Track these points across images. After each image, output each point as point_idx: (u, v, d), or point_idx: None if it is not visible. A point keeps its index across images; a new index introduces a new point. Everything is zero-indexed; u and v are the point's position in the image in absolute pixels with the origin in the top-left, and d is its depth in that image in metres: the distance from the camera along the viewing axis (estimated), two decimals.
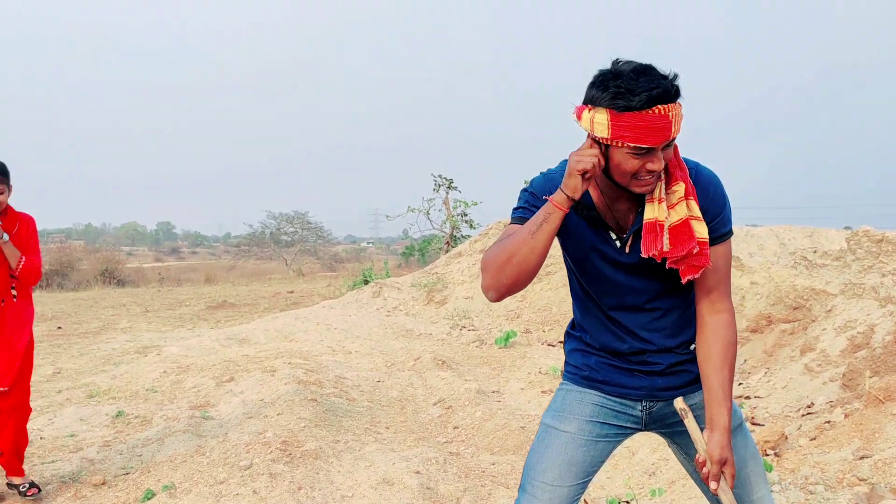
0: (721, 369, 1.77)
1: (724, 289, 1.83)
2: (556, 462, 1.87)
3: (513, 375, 7.00)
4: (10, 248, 3.52)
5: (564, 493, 1.86)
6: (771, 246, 11.81)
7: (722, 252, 1.81)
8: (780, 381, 5.99)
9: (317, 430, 4.34)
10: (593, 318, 1.91)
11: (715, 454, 1.73)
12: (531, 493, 1.87)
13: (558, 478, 1.86)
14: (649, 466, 4.38)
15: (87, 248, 30.62)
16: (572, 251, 1.85)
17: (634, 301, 1.86)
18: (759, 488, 1.92)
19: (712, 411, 1.77)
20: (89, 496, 3.48)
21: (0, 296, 3.52)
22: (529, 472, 1.90)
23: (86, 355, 8.41)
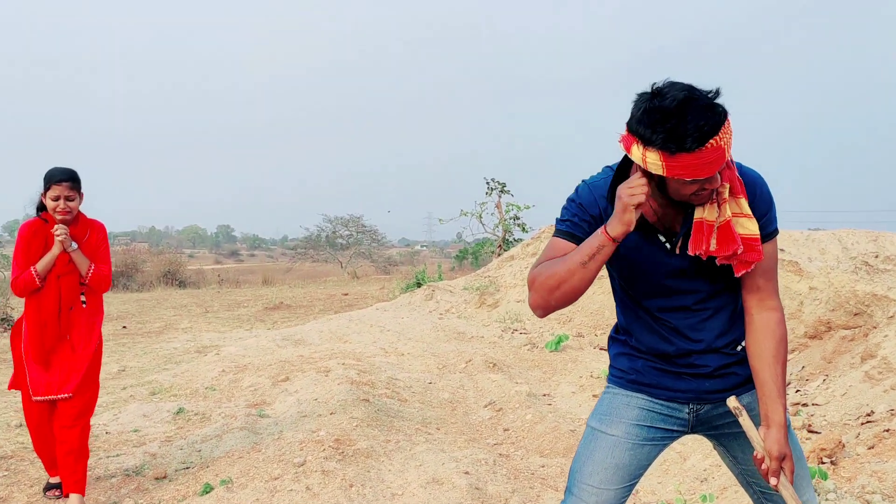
0: (773, 365, 1.79)
1: (772, 287, 1.85)
2: (603, 465, 1.89)
3: (564, 379, 6.99)
4: (79, 257, 3.51)
5: (610, 496, 1.89)
6: (833, 250, 11.48)
7: (770, 251, 1.83)
8: (839, 388, 5.84)
9: (368, 430, 4.42)
10: (639, 322, 1.93)
11: (774, 450, 1.75)
12: (577, 495, 1.90)
13: (604, 481, 1.88)
14: (701, 472, 4.34)
15: (151, 251, 31.53)
16: (620, 257, 1.87)
17: (683, 302, 1.87)
18: (804, 491, 1.92)
19: (767, 407, 1.79)
20: (151, 489, 3.63)
21: (69, 303, 3.50)
22: (575, 475, 1.93)
23: (149, 354, 8.69)
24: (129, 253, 26.35)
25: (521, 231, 16.31)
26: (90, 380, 3.59)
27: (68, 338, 3.48)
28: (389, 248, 45.67)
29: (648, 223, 1.83)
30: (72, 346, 3.49)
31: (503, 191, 16.54)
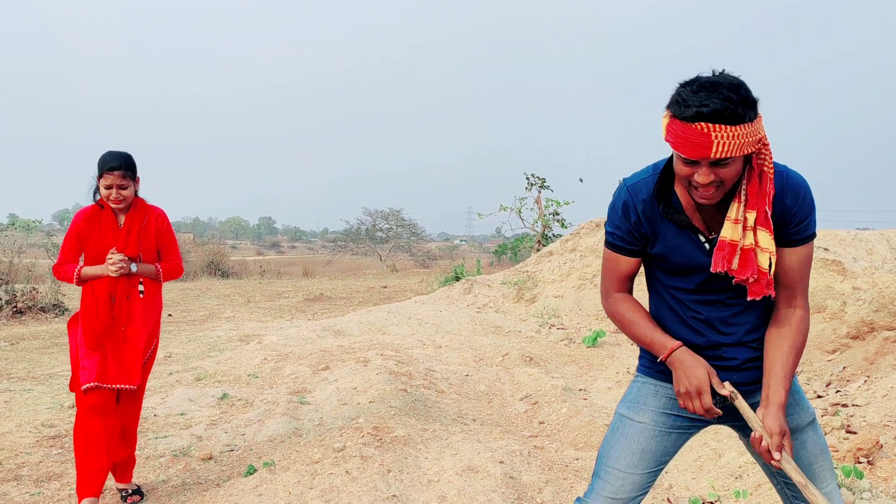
0: (787, 355, 1.84)
1: (801, 287, 1.90)
2: (629, 450, 1.96)
3: (600, 374, 7.02)
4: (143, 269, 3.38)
5: (636, 480, 1.95)
6: (880, 251, 11.28)
7: (806, 253, 1.88)
8: (880, 389, 5.78)
9: (406, 419, 4.52)
10: (671, 312, 1.98)
11: (774, 426, 1.79)
12: (604, 478, 1.97)
13: (630, 465, 1.95)
14: (736, 469, 4.35)
15: (196, 241, 32.10)
16: (659, 250, 1.94)
17: (717, 296, 1.93)
18: (827, 483, 1.96)
19: (769, 389, 1.83)
20: (198, 469, 3.77)
21: (125, 291, 3.34)
22: (603, 459, 2.00)
23: (193, 341, 8.93)
24: None
25: (560, 227, 16.30)
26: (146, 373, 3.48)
27: (123, 328, 3.33)
28: (428, 242, 45.87)
29: (690, 222, 1.88)
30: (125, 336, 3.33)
31: (543, 186, 16.54)
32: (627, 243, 1.96)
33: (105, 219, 3.37)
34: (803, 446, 1.94)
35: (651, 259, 1.98)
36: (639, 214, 1.91)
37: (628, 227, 1.94)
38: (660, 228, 1.91)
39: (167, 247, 3.52)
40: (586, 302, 10.34)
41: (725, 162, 1.70)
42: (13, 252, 14.13)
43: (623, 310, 2.00)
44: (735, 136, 1.66)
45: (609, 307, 2.04)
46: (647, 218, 1.90)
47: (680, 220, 1.88)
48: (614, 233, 1.98)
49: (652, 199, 1.89)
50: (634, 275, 2.05)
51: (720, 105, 1.65)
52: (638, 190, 1.92)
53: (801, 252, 1.87)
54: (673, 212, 1.88)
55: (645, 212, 1.90)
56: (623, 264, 1.99)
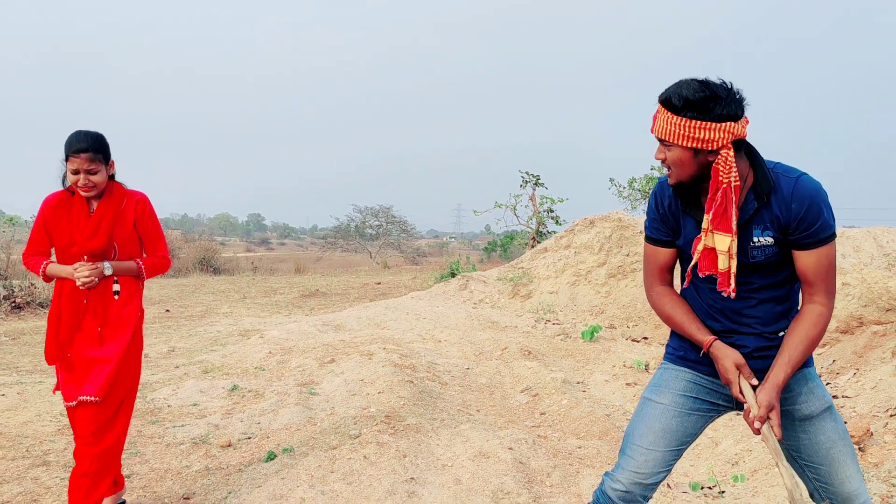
0: (797, 344, 1.99)
1: (823, 286, 2.02)
2: (652, 429, 2.12)
3: (597, 368, 7.18)
4: (119, 268, 3.02)
5: (658, 457, 2.11)
6: (868, 248, 11.48)
7: (819, 255, 2.00)
8: (869, 381, 5.98)
9: (415, 408, 4.68)
10: (695, 300, 2.16)
11: (763, 400, 1.95)
12: (629, 454, 2.14)
13: (653, 443, 2.11)
14: (732, 456, 4.53)
15: (184, 238, 32.06)
16: (681, 242, 2.13)
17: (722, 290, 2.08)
18: (847, 467, 2.07)
19: (772, 371, 1.99)
20: (218, 455, 3.91)
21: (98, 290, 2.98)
22: (629, 438, 2.17)
23: (194, 336, 9.03)
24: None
25: (555, 224, 16.49)
26: (122, 384, 3.00)
27: (100, 330, 2.97)
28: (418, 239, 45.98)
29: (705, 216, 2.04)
30: (100, 340, 2.96)
31: (537, 183, 16.73)
32: (660, 234, 2.16)
33: (75, 205, 2.99)
34: (822, 432, 2.08)
35: (679, 251, 2.16)
36: (665, 207, 2.12)
37: (658, 217, 2.15)
38: (682, 222, 2.10)
39: (151, 238, 3.12)
40: (580, 298, 10.51)
41: (667, 144, 1.97)
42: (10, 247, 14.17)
43: (664, 303, 2.18)
44: (670, 122, 1.93)
45: (652, 300, 2.22)
46: (671, 212, 2.11)
47: (698, 216, 2.05)
48: (650, 225, 2.18)
49: (675, 194, 2.09)
50: (673, 267, 2.22)
51: (666, 95, 1.95)
52: (665, 185, 2.13)
53: (815, 255, 1.99)
54: (692, 207, 2.05)
55: (670, 206, 2.11)
56: (660, 255, 2.18)
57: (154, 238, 3.13)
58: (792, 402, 2.09)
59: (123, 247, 3.05)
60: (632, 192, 19.96)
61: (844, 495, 2.07)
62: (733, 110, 1.91)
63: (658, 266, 2.20)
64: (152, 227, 3.12)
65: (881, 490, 3.56)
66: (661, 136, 1.97)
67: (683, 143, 1.93)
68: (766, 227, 1.99)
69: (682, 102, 1.91)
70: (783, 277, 2.06)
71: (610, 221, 11.05)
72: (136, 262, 3.08)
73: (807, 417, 2.08)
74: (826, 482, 2.08)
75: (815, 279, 2.01)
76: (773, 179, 1.99)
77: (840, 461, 2.07)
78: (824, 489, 2.10)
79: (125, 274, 3.04)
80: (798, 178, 2.00)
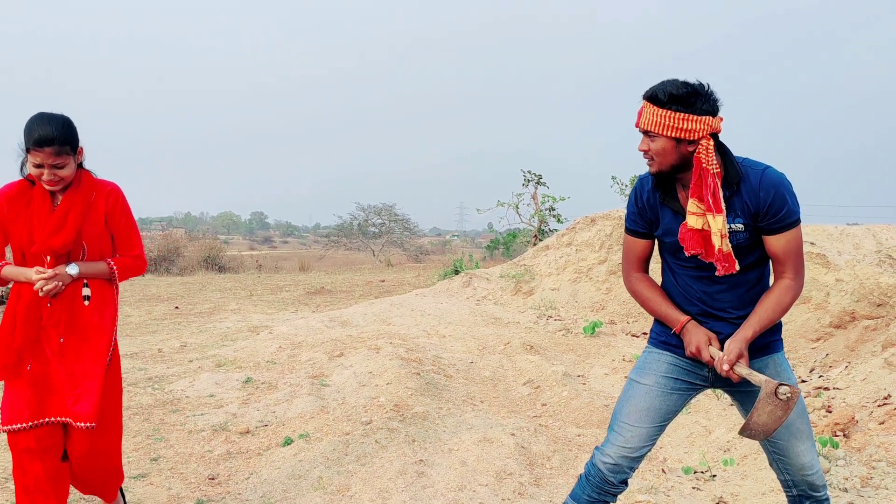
0: (766, 306, 2.25)
1: (791, 264, 2.28)
2: (637, 408, 2.36)
3: (597, 362, 7.41)
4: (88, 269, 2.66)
5: (643, 433, 2.35)
6: (868, 245, 11.70)
7: (787, 239, 2.25)
8: (859, 374, 6.19)
9: (422, 398, 4.91)
10: (673, 286, 2.41)
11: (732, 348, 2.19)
12: (617, 431, 2.37)
13: (638, 420, 2.35)
14: (724, 444, 4.75)
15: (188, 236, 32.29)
16: (659, 232, 2.37)
17: (704, 273, 2.33)
18: (803, 442, 2.35)
19: (742, 327, 2.23)
20: (237, 441, 4.15)
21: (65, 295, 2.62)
22: (616, 415, 2.40)
23: (204, 332, 9.26)
24: (168, 237, 26.92)
25: (557, 222, 16.74)
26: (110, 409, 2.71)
27: (62, 340, 2.60)
28: (421, 237, 46.15)
29: (682, 208, 2.30)
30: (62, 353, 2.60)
31: (539, 182, 16.97)
32: (638, 226, 2.42)
33: (36, 198, 2.61)
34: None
35: (658, 241, 2.41)
36: (644, 201, 2.37)
37: (637, 211, 2.40)
38: (660, 213, 2.34)
39: (124, 235, 2.76)
40: (581, 294, 10.73)
41: (651, 135, 2.22)
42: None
43: (640, 288, 2.44)
44: (656, 115, 2.18)
45: (629, 286, 2.48)
46: (650, 205, 2.36)
47: (674, 207, 2.31)
48: (629, 218, 2.44)
49: (654, 189, 2.35)
50: (649, 257, 2.48)
51: (651, 91, 2.21)
52: (645, 181, 2.39)
53: (784, 238, 2.25)
54: (668, 199, 2.30)
55: (649, 200, 2.36)
56: (638, 246, 2.44)
57: (127, 235, 2.77)
58: None
59: (93, 245, 2.68)
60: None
61: (798, 466, 2.35)
62: (711, 106, 2.20)
63: (636, 256, 2.46)
64: (126, 223, 2.75)
65: (861, 472, 3.79)
66: (647, 127, 2.21)
67: (668, 133, 2.18)
68: (737, 214, 2.24)
69: (668, 97, 2.17)
70: (752, 261, 2.30)
71: (611, 220, 11.27)
72: (107, 262, 2.71)
73: None
74: (784, 455, 2.35)
75: (785, 259, 2.27)
76: (741, 171, 2.25)
77: (798, 437, 2.33)
78: (782, 461, 2.37)
79: (95, 276, 2.67)
80: (764, 170, 2.26)
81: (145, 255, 2.86)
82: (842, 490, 3.60)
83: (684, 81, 2.19)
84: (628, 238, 2.48)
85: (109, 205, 2.70)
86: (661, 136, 2.20)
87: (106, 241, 2.74)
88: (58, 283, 2.57)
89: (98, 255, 2.71)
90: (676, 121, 2.17)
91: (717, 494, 3.74)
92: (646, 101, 2.22)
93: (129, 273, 2.77)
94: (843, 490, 3.61)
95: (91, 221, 2.65)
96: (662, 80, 2.23)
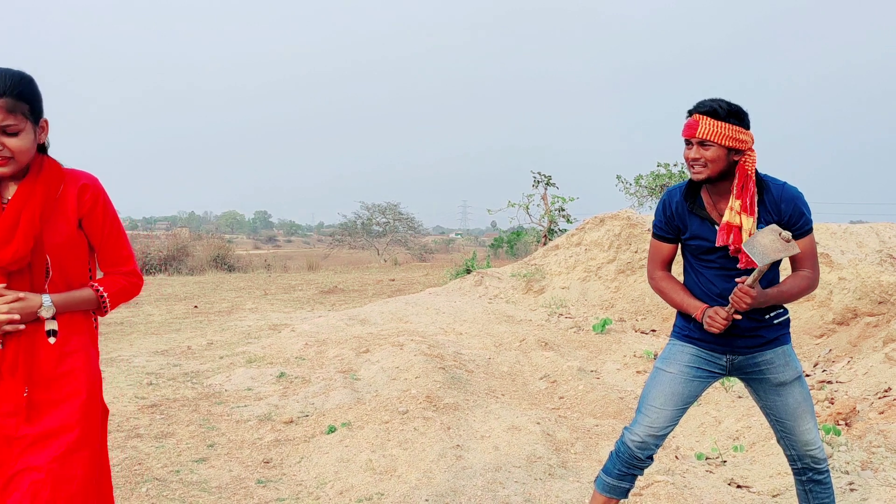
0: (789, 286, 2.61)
1: (808, 262, 2.67)
2: (663, 392, 2.68)
3: (609, 358, 7.73)
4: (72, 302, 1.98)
5: (668, 415, 2.67)
6: (871, 243, 12.00)
7: (809, 241, 2.65)
8: (861, 368, 6.50)
9: (450, 391, 5.23)
10: (695, 285, 2.73)
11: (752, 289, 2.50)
12: (644, 412, 2.70)
13: (664, 403, 2.67)
14: (734, 433, 5.07)
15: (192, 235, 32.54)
16: (689, 237, 2.70)
17: (727, 272, 2.65)
18: (807, 422, 2.69)
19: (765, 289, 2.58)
20: (283, 429, 4.48)
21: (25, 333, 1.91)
22: (643, 399, 2.72)
23: (227, 330, 9.60)
24: (176, 237, 27.07)
25: (566, 222, 17.10)
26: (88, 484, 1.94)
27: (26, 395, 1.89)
28: (425, 235, 46.39)
29: (709, 215, 2.63)
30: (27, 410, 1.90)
31: (549, 183, 17.32)
32: (665, 233, 2.75)
33: None
34: (791, 395, 2.68)
35: (683, 244, 2.73)
36: (672, 211, 2.70)
37: (665, 220, 2.73)
38: (688, 221, 2.68)
39: (109, 244, 2.07)
40: (591, 293, 11.06)
41: (706, 144, 2.50)
42: None
43: (664, 284, 2.78)
44: (715, 126, 2.49)
45: (653, 283, 2.82)
46: (678, 213, 2.69)
47: (701, 214, 2.65)
48: (657, 225, 2.77)
49: (682, 199, 2.67)
50: (672, 259, 2.81)
51: (708, 106, 2.52)
52: (674, 193, 2.72)
53: (802, 243, 2.61)
54: (696, 208, 2.64)
55: (677, 209, 2.69)
56: (664, 250, 2.78)
57: (115, 245, 2.08)
58: (772, 371, 2.67)
59: (60, 258, 1.97)
60: (639, 188, 20.49)
61: (803, 443, 2.70)
62: (749, 124, 2.57)
63: (662, 258, 2.80)
64: (111, 227, 2.05)
65: (862, 457, 4.11)
66: (706, 137, 2.50)
67: (726, 143, 2.49)
68: (761, 219, 2.59)
69: (726, 112, 2.51)
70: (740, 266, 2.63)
71: (619, 220, 11.59)
72: (95, 288, 2.04)
73: (782, 384, 2.67)
74: (790, 433, 2.70)
75: (804, 259, 2.65)
76: (764, 183, 2.61)
77: (803, 417, 2.68)
78: (788, 438, 2.72)
79: (76, 308, 2.00)
80: (783, 185, 2.64)
81: (139, 270, 2.14)
82: (843, 472, 3.92)
83: (729, 101, 2.53)
84: (655, 242, 2.80)
85: (85, 202, 1.99)
86: (716, 145, 2.51)
87: (79, 254, 2.02)
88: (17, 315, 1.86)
89: (65, 273, 1.99)
90: (734, 132, 2.50)
91: (729, 477, 4.06)
92: (702, 115, 2.51)
93: (123, 297, 2.10)
94: (844, 472, 3.92)
95: (57, 225, 1.95)
96: (710, 97, 2.55)
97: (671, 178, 19.26)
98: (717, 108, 2.50)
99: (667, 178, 19.37)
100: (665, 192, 2.78)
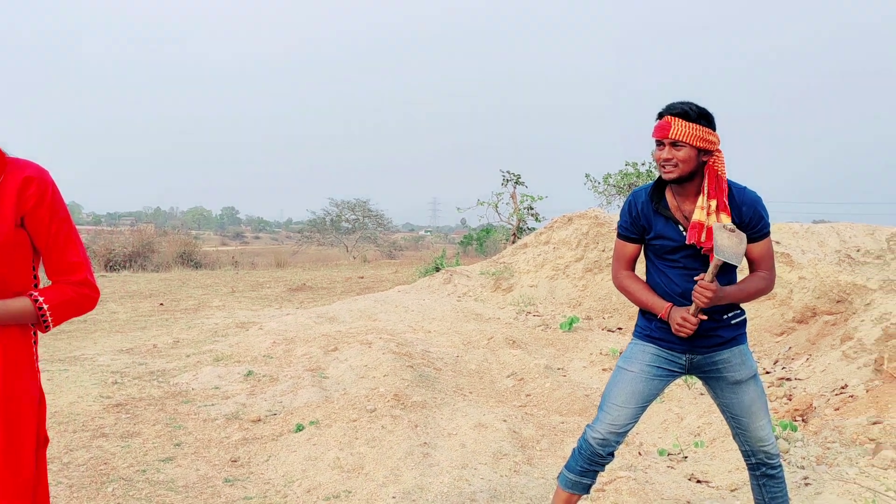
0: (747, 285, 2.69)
1: (765, 264, 2.76)
2: (624, 391, 2.75)
3: (576, 356, 7.82)
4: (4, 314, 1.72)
5: (629, 412, 2.75)
6: (832, 243, 12.30)
7: (766, 243, 2.75)
8: (819, 366, 6.67)
9: (418, 389, 5.27)
10: (658, 284, 2.80)
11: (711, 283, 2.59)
12: (606, 410, 2.77)
13: (625, 401, 2.74)
14: (695, 429, 5.19)
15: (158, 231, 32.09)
16: (652, 236, 2.76)
17: (689, 271, 2.72)
18: (761, 418, 2.80)
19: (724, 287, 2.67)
20: (251, 428, 4.48)
21: None
22: (605, 397, 2.79)
23: (194, 328, 9.53)
24: (140, 233, 26.61)
25: (535, 220, 17.23)
26: None
27: None
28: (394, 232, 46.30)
29: (673, 216, 2.70)
30: None
31: (518, 182, 17.43)
32: (630, 233, 2.82)
33: None
34: (747, 393, 2.77)
35: (647, 244, 2.80)
36: (638, 211, 2.77)
37: (630, 220, 2.80)
38: (653, 221, 2.75)
39: (56, 248, 1.81)
40: (559, 291, 11.17)
41: (678, 145, 2.58)
42: None
43: (628, 283, 2.84)
44: (687, 127, 2.57)
45: (618, 282, 2.89)
46: (644, 213, 2.76)
47: (666, 214, 2.72)
48: (622, 225, 2.83)
49: (648, 200, 2.74)
50: (636, 258, 2.88)
51: (679, 108, 2.61)
52: (639, 194, 2.80)
53: (760, 245, 2.72)
54: (661, 208, 2.71)
55: (643, 209, 2.76)
56: (628, 249, 2.85)
57: (63, 249, 1.81)
58: (729, 370, 2.76)
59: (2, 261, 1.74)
60: (607, 187, 20.71)
61: (757, 439, 2.80)
62: (716, 126, 2.66)
63: (626, 257, 2.88)
64: (58, 228, 1.79)
65: (817, 452, 4.23)
66: (678, 138, 2.58)
67: (697, 144, 2.58)
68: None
69: (696, 114, 2.60)
70: (727, 265, 2.70)
71: (587, 219, 11.72)
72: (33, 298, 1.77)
73: (738, 382, 2.76)
74: (745, 429, 2.79)
75: (761, 261, 2.74)
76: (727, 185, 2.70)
77: (757, 414, 2.78)
78: (743, 434, 2.81)
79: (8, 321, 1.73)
80: (744, 189, 2.73)
81: (94, 280, 1.86)
82: (798, 467, 4.04)
83: (697, 104, 2.62)
84: (620, 242, 2.87)
85: (28, 198, 1.74)
86: (687, 146, 2.59)
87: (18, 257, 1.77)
88: None
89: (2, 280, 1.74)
90: (704, 133, 2.59)
91: (689, 472, 4.16)
92: (674, 117, 2.60)
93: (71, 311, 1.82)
94: (799, 467, 4.04)
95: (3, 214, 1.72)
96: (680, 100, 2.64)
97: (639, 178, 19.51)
98: (688, 111, 2.58)
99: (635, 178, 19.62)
100: (630, 193, 2.85)
